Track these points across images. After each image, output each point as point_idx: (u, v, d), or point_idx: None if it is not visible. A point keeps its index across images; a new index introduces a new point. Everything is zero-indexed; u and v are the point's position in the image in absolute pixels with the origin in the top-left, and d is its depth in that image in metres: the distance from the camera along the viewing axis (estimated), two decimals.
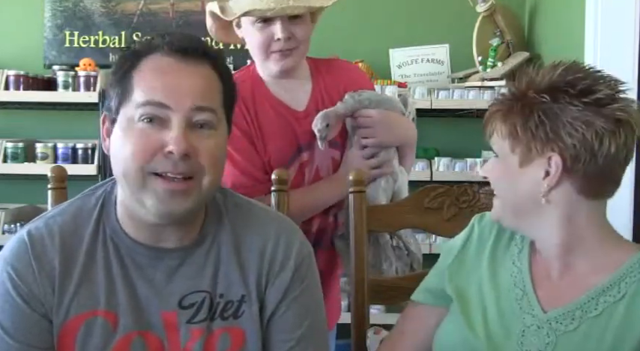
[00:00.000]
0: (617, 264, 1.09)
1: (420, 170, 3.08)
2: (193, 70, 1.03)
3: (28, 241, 1.06)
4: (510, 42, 3.09)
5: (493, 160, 1.16)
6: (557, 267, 1.13)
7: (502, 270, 1.18)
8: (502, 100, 1.12)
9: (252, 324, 1.10)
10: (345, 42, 3.27)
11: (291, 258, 1.13)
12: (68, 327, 1.05)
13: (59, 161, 3.11)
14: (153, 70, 1.02)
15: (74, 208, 1.12)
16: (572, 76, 1.07)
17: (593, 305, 1.08)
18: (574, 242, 1.11)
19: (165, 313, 1.07)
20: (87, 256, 1.07)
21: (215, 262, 1.10)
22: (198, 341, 1.07)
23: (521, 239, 1.20)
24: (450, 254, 1.25)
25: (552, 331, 1.09)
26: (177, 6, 3.42)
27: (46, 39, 3.41)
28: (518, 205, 1.12)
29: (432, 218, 1.53)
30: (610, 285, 1.08)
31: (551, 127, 1.05)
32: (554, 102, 1.05)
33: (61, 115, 3.34)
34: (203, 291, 1.09)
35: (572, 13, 2.65)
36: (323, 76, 1.65)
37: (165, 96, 1.00)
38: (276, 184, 1.47)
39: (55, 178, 1.38)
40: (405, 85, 3.14)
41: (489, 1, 3.02)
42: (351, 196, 1.49)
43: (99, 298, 1.06)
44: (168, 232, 1.08)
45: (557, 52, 2.89)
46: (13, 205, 3.20)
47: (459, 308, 1.17)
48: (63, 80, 3.12)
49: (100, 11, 3.40)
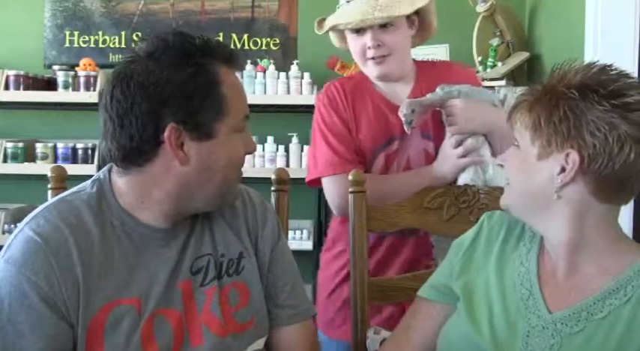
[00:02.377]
0: (624, 267, 1.09)
1: None
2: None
3: (40, 239, 1.05)
4: (510, 42, 3.10)
5: (512, 149, 1.15)
6: (564, 266, 1.12)
7: (509, 269, 1.18)
8: (531, 91, 1.12)
9: (253, 277, 1.21)
10: None
11: (268, 209, 1.29)
12: (96, 320, 1.06)
13: (59, 161, 3.12)
14: (235, 86, 1.14)
15: (68, 204, 1.12)
16: (605, 77, 1.06)
17: (599, 307, 1.07)
18: (581, 242, 1.10)
19: (180, 283, 1.14)
20: (102, 248, 1.09)
21: (210, 227, 1.20)
22: (213, 299, 1.15)
23: (530, 240, 1.19)
24: (458, 251, 1.24)
25: (557, 332, 1.08)
26: (177, 6, 3.42)
27: (46, 39, 3.41)
28: (530, 196, 1.11)
29: (432, 218, 1.53)
30: (616, 288, 1.08)
31: (575, 123, 1.04)
32: (582, 99, 1.04)
33: (61, 115, 3.34)
34: (206, 254, 1.18)
35: (572, 13, 2.65)
36: (427, 77, 1.71)
37: (247, 109, 1.17)
38: (276, 184, 1.47)
39: (55, 178, 1.38)
40: None
41: (489, 1, 3.02)
42: (351, 196, 1.49)
43: (120, 287, 1.09)
44: (190, 214, 1.18)
45: (557, 52, 2.89)
46: (13, 205, 3.21)
47: (465, 306, 1.17)
48: (63, 80, 3.13)
49: (100, 11, 3.41)
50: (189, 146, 1.09)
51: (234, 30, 3.42)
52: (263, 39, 3.42)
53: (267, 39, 3.42)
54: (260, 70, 3.15)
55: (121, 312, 1.08)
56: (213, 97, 1.09)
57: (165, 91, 1.06)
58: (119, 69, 1.09)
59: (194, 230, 1.19)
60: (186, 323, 1.13)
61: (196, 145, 1.09)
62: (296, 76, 3.13)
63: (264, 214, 1.27)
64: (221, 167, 1.12)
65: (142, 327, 1.09)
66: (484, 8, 3.04)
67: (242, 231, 1.23)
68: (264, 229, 1.25)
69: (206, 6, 3.42)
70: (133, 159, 1.09)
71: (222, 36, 3.39)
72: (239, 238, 1.22)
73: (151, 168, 1.09)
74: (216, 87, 1.09)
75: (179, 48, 1.09)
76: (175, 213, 1.14)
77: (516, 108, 1.12)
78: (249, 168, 3.06)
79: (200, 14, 3.42)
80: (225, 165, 1.12)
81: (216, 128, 1.09)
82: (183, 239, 1.17)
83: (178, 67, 1.07)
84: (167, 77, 1.06)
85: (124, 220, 1.12)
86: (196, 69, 1.08)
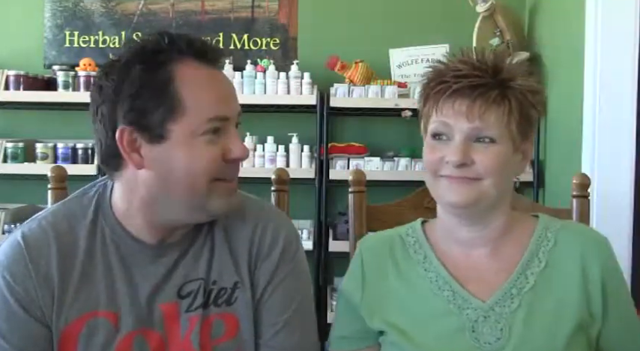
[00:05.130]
0: (528, 237, 1.16)
1: (420, 170, 3.08)
2: (222, 73, 1.10)
3: (23, 244, 1.06)
4: (510, 42, 3.09)
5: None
6: (487, 253, 1.15)
7: (417, 279, 1.17)
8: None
9: (246, 310, 1.12)
10: (345, 42, 3.28)
11: (278, 242, 1.15)
12: (70, 329, 1.05)
13: (59, 161, 3.12)
14: (199, 83, 1.03)
15: (66, 209, 1.12)
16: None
17: (524, 280, 1.12)
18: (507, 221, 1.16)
19: (165, 305, 1.09)
20: (86, 257, 1.08)
21: (210, 250, 1.13)
22: (194, 329, 1.09)
23: (419, 245, 1.20)
24: (355, 291, 1.20)
25: (499, 316, 1.10)
26: (177, 6, 3.42)
27: (46, 39, 3.41)
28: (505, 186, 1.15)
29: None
30: (530, 258, 1.14)
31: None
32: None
33: (61, 115, 3.34)
34: (198, 279, 1.11)
35: (572, 13, 2.65)
36: None
37: (224, 108, 1.06)
38: (276, 184, 1.47)
39: (55, 178, 1.38)
40: (405, 85, 3.14)
41: (489, 1, 3.02)
42: (351, 196, 1.49)
43: (99, 298, 1.07)
44: (180, 228, 1.11)
45: (557, 52, 2.89)
46: (13, 205, 3.21)
47: (397, 336, 1.14)
48: (63, 80, 3.13)
49: (100, 11, 3.41)
50: (146, 150, 1.03)
51: (234, 30, 3.42)
52: (263, 39, 3.42)
53: (267, 39, 3.42)
54: (260, 70, 3.15)
55: (96, 324, 1.06)
56: (162, 95, 1.01)
57: (117, 91, 1.02)
58: (96, 74, 1.09)
59: (190, 250, 1.12)
60: (167, 347, 1.08)
61: (151, 148, 1.03)
62: (296, 76, 3.12)
63: (273, 245, 1.15)
64: (182, 174, 1.03)
65: (117, 343, 1.06)
66: (484, 8, 3.03)
67: (242, 259, 1.14)
68: (267, 260, 1.15)
69: (206, 6, 3.42)
70: (110, 164, 1.07)
71: (222, 36, 3.39)
72: (237, 266, 1.13)
73: (125, 173, 1.07)
74: (166, 85, 1.01)
75: (139, 46, 1.04)
76: (157, 224, 1.08)
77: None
78: (249, 168, 3.06)
79: (200, 14, 3.42)
80: (185, 171, 1.03)
81: (168, 129, 1.01)
82: (175, 258, 1.11)
83: (130, 66, 1.02)
84: (119, 77, 1.02)
85: (115, 229, 1.10)
86: (146, 67, 1.01)
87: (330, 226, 3.18)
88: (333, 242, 3.07)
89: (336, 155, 3.17)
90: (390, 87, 3.08)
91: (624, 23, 2.36)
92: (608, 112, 2.37)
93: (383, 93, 3.08)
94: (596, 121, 2.40)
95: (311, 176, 3.13)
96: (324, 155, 3.14)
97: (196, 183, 1.04)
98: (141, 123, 1.02)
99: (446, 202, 1.13)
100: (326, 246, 3.11)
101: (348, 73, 3.12)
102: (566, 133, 2.71)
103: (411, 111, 3.04)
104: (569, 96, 2.68)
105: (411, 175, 3.07)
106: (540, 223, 1.18)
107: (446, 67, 1.13)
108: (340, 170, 3.11)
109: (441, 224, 1.21)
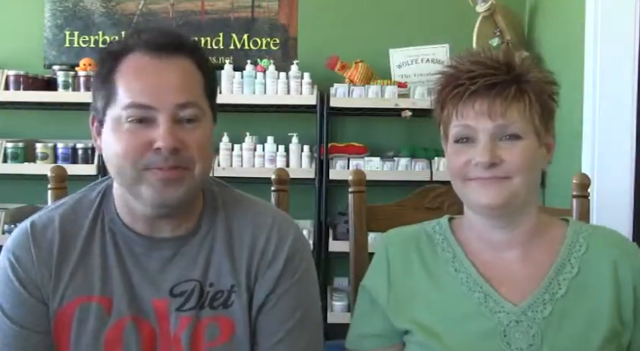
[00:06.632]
0: (559, 242, 1.14)
1: (420, 170, 3.09)
2: (172, 66, 1.05)
3: (30, 230, 1.12)
4: (510, 42, 3.09)
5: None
6: (517, 256, 1.14)
7: (446, 278, 1.14)
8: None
9: (242, 314, 1.11)
10: (345, 42, 3.28)
11: (284, 251, 1.13)
12: (64, 311, 1.09)
13: (59, 161, 3.12)
14: (133, 71, 1.04)
15: (75, 200, 1.17)
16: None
17: (557, 285, 1.10)
18: (536, 225, 1.15)
19: (156, 300, 1.10)
20: (84, 243, 1.12)
21: (208, 252, 1.13)
22: (186, 329, 1.09)
23: (447, 243, 1.18)
24: (380, 288, 1.17)
25: (532, 321, 1.07)
26: (177, 6, 3.42)
27: (46, 39, 3.41)
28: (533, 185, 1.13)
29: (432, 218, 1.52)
30: (562, 264, 1.12)
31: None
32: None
33: (61, 115, 3.34)
34: (194, 280, 1.11)
35: (572, 13, 2.65)
36: None
37: (149, 97, 1.02)
38: (276, 184, 1.47)
39: (55, 178, 1.38)
40: (405, 85, 3.14)
41: (489, 1, 3.02)
42: (351, 196, 1.49)
43: (94, 283, 1.10)
44: (163, 223, 1.11)
45: (557, 52, 2.89)
46: (13, 205, 3.21)
47: (424, 336, 1.11)
48: (63, 80, 3.13)
49: (100, 11, 3.41)
50: (101, 136, 1.10)
51: (234, 30, 3.42)
52: (263, 39, 3.42)
53: (267, 39, 3.42)
54: (260, 70, 3.15)
55: (89, 308, 1.09)
56: (104, 84, 1.06)
57: (92, 84, 1.12)
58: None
59: (185, 248, 1.12)
60: (158, 341, 1.09)
61: (102, 134, 1.09)
62: (296, 76, 3.12)
63: (278, 252, 1.13)
64: (110, 157, 1.06)
65: (109, 328, 1.08)
66: (484, 8, 3.04)
67: (241, 262, 1.12)
68: (271, 268, 1.12)
69: (206, 6, 3.42)
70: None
71: (222, 36, 3.39)
72: (234, 269, 1.12)
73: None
74: (109, 74, 1.06)
75: (114, 43, 1.10)
76: (137, 214, 1.10)
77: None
78: (249, 168, 3.06)
79: (200, 14, 3.42)
80: (112, 156, 1.05)
81: (107, 115, 1.07)
82: (169, 255, 1.11)
83: (99, 61, 1.10)
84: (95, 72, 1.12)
85: (113, 217, 1.14)
86: (102, 58, 1.09)
87: (330, 226, 3.18)
88: (333, 242, 3.07)
89: (336, 155, 3.17)
90: (390, 87, 3.08)
91: (624, 23, 2.36)
92: (608, 112, 2.37)
93: (383, 93, 3.09)
94: (596, 121, 2.40)
95: (311, 176, 3.13)
96: (324, 155, 3.14)
97: (123, 169, 1.04)
98: (95, 110, 1.10)
99: (478, 204, 1.10)
100: (326, 246, 3.11)
101: (348, 73, 3.12)
102: (566, 133, 2.71)
103: (410, 111, 3.04)
104: (569, 96, 2.68)
105: (411, 175, 3.08)
106: (570, 227, 1.16)
107: (457, 70, 1.11)
108: (340, 170, 3.11)
109: (470, 226, 1.18)
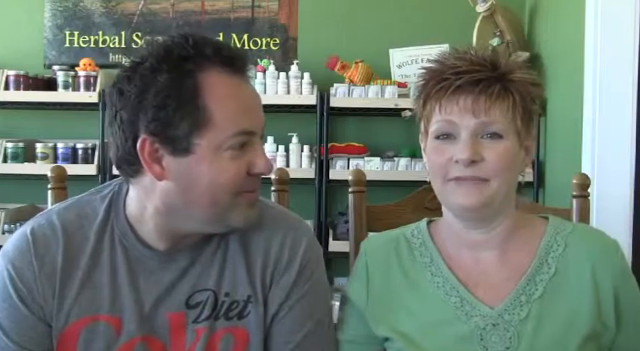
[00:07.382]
0: (537, 241, 1.12)
1: (420, 170, 3.09)
2: (250, 85, 1.07)
3: (31, 239, 1.05)
4: (510, 42, 3.09)
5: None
6: (495, 257, 1.12)
7: (424, 283, 1.13)
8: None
9: (257, 325, 1.08)
10: (345, 42, 3.28)
11: (297, 258, 1.11)
12: (69, 331, 1.03)
13: (59, 161, 3.12)
14: (227, 95, 1.00)
15: (79, 206, 1.10)
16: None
17: (533, 286, 1.09)
18: (513, 224, 1.13)
19: (171, 314, 1.06)
20: (91, 259, 1.05)
21: (221, 260, 1.09)
22: (200, 341, 1.05)
23: (424, 247, 1.17)
24: (360, 296, 1.17)
25: (508, 324, 1.06)
26: (178, 6, 3.42)
27: (46, 39, 3.41)
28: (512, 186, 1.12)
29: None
30: (540, 264, 1.10)
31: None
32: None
33: (61, 115, 3.34)
34: (208, 289, 1.07)
35: (572, 13, 2.65)
36: None
37: (251, 123, 1.03)
38: (276, 184, 1.47)
39: (55, 178, 1.38)
40: (405, 85, 3.14)
41: (489, 1, 3.02)
42: (351, 196, 1.49)
43: (102, 302, 1.04)
44: (192, 236, 1.07)
45: (557, 52, 2.89)
46: (13, 205, 3.21)
47: (402, 343, 1.10)
48: (63, 80, 3.13)
49: (100, 11, 3.41)
50: (168, 161, 0.99)
51: (234, 30, 3.42)
52: (263, 39, 3.42)
53: (267, 39, 3.42)
54: (260, 70, 3.15)
55: (97, 328, 1.03)
56: (189, 108, 0.97)
57: (140, 99, 0.97)
58: (116, 76, 1.03)
59: (201, 258, 1.08)
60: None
61: (174, 160, 0.99)
62: (296, 76, 3.13)
63: (291, 260, 1.10)
64: (205, 187, 1.00)
65: (118, 349, 1.04)
66: (484, 8, 3.03)
67: (256, 271, 1.09)
68: (285, 276, 1.10)
69: (206, 6, 3.42)
70: (124, 168, 1.04)
71: (222, 36, 3.39)
72: (251, 279, 1.08)
73: (142, 181, 1.03)
74: (193, 97, 0.97)
75: (163, 50, 0.99)
76: (169, 232, 1.05)
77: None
78: None
79: (200, 14, 3.42)
80: (209, 185, 1.00)
81: (194, 143, 0.98)
82: (185, 265, 1.07)
83: (157, 73, 0.97)
84: (144, 84, 0.97)
85: (125, 232, 1.07)
86: (173, 76, 0.97)
87: (330, 226, 3.18)
88: (333, 242, 3.07)
89: (336, 155, 3.17)
90: (390, 87, 3.08)
91: (624, 23, 2.36)
92: (608, 112, 2.37)
93: (383, 93, 3.08)
94: (596, 121, 2.40)
95: (311, 176, 3.13)
96: (324, 155, 3.14)
97: (219, 197, 1.01)
98: (165, 135, 0.98)
99: (456, 205, 1.09)
100: (326, 246, 3.11)
101: (348, 73, 3.12)
102: (566, 133, 2.71)
103: (410, 111, 3.04)
104: (569, 96, 2.68)
105: (411, 175, 3.07)
106: (550, 225, 1.14)
107: (443, 66, 1.10)
108: (340, 170, 3.11)
109: (448, 227, 1.16)
